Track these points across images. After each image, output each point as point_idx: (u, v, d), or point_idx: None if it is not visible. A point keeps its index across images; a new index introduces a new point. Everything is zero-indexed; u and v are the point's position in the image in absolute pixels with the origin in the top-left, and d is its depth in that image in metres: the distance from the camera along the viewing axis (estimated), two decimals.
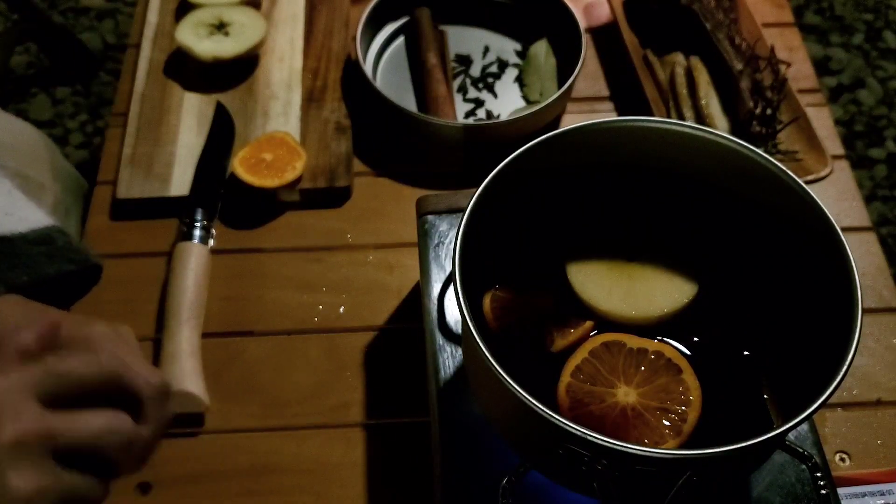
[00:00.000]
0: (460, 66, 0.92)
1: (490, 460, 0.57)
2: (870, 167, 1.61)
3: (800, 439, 0.57)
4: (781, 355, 0.53)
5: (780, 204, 0.52)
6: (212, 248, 0.77)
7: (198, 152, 0.82)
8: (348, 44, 0.92)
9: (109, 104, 1.60)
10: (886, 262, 0.78)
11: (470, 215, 0.48)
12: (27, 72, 1.70)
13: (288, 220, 0.80)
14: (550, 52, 0.91)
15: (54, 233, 0.56)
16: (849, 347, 0.43)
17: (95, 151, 1.55)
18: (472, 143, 0.83)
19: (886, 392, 0.70)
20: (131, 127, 0.84)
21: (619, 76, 0.92)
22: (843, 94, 1.71)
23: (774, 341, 0.54)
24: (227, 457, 0.67)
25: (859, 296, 0.45)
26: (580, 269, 0.57)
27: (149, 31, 0.92)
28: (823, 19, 1.84)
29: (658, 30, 0.91)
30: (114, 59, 1.72)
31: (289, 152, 0.80)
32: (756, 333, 0.55)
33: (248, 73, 0.89)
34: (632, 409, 0.50)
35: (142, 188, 0.79)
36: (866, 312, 0.45)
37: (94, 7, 1.82)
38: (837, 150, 0.85)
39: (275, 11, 0.94)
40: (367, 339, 0.73)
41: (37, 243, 0.55)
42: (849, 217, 0.81)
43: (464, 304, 0.45)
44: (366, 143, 0.85)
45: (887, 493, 0.64)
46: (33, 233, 0.55)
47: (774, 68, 0.85)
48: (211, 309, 0.73)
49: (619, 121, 0.53)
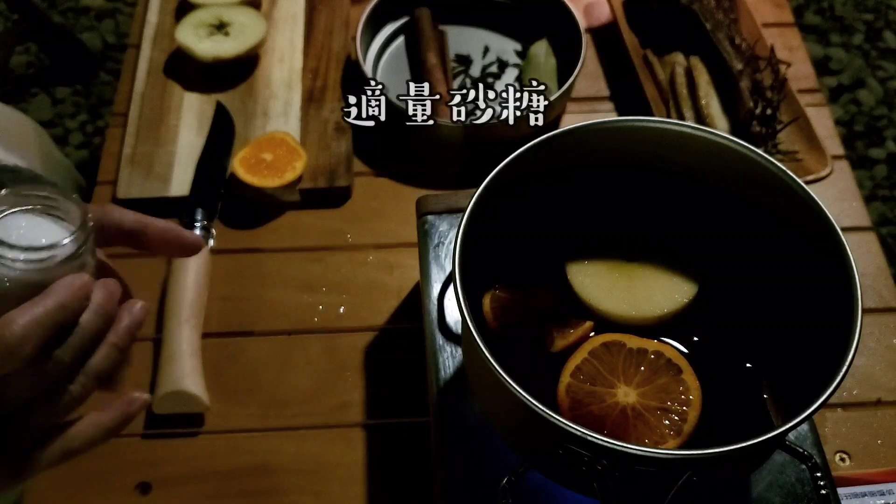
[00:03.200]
0: (460, 66, 0.92)
1: (490, 460, 0.57)
2: (870, 167, 1.61)
3: (800, 439, 0.57)
4: (781, 355, 0.53)
5: (780, 204, 0.52)
6: (212, 248, 0.77)
7: (198, 152, 0.82)
8: (348, 44, 0.92)
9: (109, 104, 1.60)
10: (886, 262, 0.78)
11: (470, 215, 0.48)
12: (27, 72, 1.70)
13: (288, 220, 0.80)
14: (550, 52, 0.91)
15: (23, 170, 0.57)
16: (849, 347, 0.43)
17: (95, 151, 1.55)
18: (472, 143, 0.83)
19: (886, 392, 0.70)
20: (131, 127, 0.84)
21: (619, 76, 0.92)
22: (843, 94, 1.71)
23: (774, 341, 0.54)
24: (226, 457, 0.66)
25: (859, 296, 0.45)
26: (580, 269, 0.57)
27: (149, 31, 0.92)
28: (823, 19, 1.84)
29: (658, 30, 0.91)
30: (114, 59, 1.72)
31: (289, 152, 0.80)
32: (756, 333, 0.55)
33: (248, 73, 0.89)
34: (632, 409, 0.50)
35: (142, 188, 0.79)
36: (866, 312, 0.45)
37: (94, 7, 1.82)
38: (837, 150, 0.85)
39: (275, 11, 0.94)
40: (367, 339, 0.73)
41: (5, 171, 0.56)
42: (849, 217, 0.81)
43: (464, 304, 0.45)
44: (366, 143, 0.85)
45: (887, 493, 0.64)
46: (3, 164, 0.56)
47: (774, 68, 0.85)
48: (211, 309, 0.73)
49: (619, 121, 0.53)
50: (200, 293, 0.72)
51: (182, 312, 0.70)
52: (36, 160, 0.81)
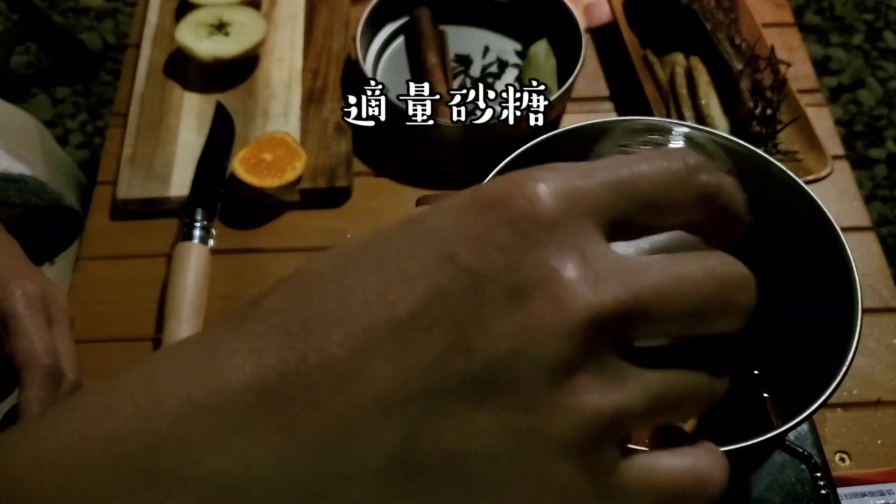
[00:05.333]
0: (460, 66, 0.92)
1: None
2: (870, 167, 1.61)
3: (800, 439, 0.57)
4: (781, 355, 0.53)
5: (779, 204, 0.52)
6: (212, 248, 0.76)
7: (198, 152, 0.82)
8: (348, 44, 0.92)
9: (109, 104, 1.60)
10: (886, 262, 0.78)
11: None
12: (27, 72, 1.70)
13: (288, 220, 0.80)
14: (550, 52, 0.91)
15: (29, 179, 0.57)
16: (849, 347, 0.43)
17: (95, 151, 1.55)
18: (472, 143, 0.83)
19: (886, 392, 0.70)
20: (131, 127, 0.84)
21: (619, 76, 0.92)
22: (843, 94, 1.71)
23: (774, 341, 0.54)
24: None
25: (859, 296, 0.45)
26: None
27: (149, 31, 0.92)
28: (823, 19, 1.84)
29: (658, 30, 0.91)
30: (114, 59, 1.72)
31: (289, 152, 0.80)
32: (756, 333, 0.55)
33: (248, 73, 0.89)
34: None
35: (142, 188, 0.79)
36: (866, 312, 0.45)
37: (94, 7, 1.82)
38: (837, 150, 0.85)
39: (275, 11, 0.94)
40: None
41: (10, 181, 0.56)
42: (849, 217, 0.80)
43: None
44: (366, 143, 0.85)
45: (887, 493, 0.64)
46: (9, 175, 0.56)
47: (774, 68, 0.85)
48: (211, 309, 0.73)
49: (618, 121, 0.53)
50: (200, 293, 0.72)
51: (182, 312, 0.70)
52: (38, 158, 0.81)
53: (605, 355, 0.22)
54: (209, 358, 0.24)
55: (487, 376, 0.21)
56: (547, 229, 0.22)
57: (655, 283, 0.22)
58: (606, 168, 0.24)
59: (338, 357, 0.22)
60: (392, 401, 0.22)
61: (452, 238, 0.23)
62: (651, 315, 0.22)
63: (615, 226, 0.23)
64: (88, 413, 0.24)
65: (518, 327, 0.21)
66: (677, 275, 0.23)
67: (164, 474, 0.23)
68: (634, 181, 0.24)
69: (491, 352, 0.21)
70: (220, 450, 0.22)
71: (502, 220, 0.23)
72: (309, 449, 0.22)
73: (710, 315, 0.24)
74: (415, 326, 0.22)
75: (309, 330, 0.23)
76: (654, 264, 0.23)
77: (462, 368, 0.21)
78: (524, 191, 0.23)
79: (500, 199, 0.23)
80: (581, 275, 0.22)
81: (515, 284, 0.22)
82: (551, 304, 0.21)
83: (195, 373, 0.23)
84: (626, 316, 0.22)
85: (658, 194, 0.24)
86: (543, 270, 0.22)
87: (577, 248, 0.22)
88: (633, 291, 0.22)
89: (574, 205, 0.23)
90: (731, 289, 0.24)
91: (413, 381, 0.22)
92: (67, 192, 0.85)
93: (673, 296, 0.23)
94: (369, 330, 0.22)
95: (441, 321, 0.22)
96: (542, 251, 0.22)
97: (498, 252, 0.22)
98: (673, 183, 0.24)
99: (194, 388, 0.23)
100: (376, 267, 0.24)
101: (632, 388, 0.22)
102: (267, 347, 0.23)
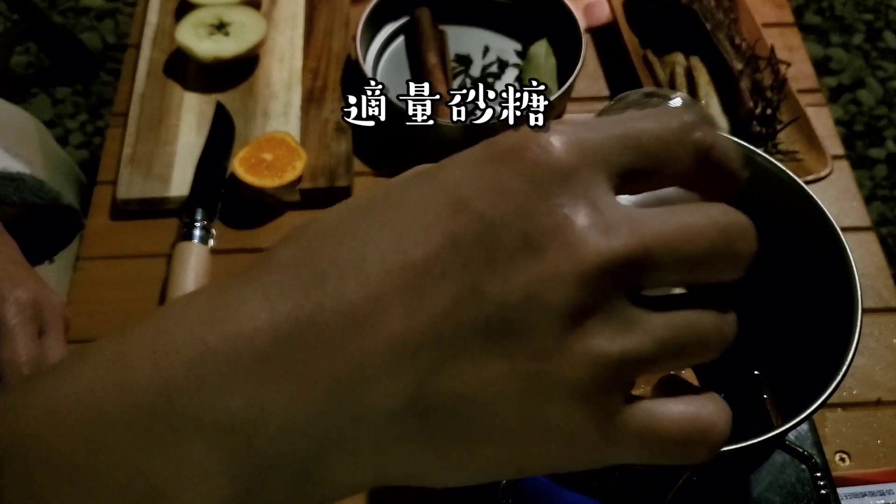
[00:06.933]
0: (460, 66, 0.92)
1: None
2: (870, 167, 1.61)
3: (800, 439, 0.57)
4: (781, 355, 0.53)
5: (780, 204, 0.52)
6: (212, 248, 0.76)
7: (198, 152, 0.82)
8: (348, 44, 0.92)
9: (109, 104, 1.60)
10: (886, 262, 0.78)
11: None
12: (27, 72, 1.70)
13: (288, 220, 0.80)
14: (550, 52, 0.91)
15: (27, 178, 0.57)
16: (849, 347, 0.43)
17: (95, 151, 1.55)
18: (472, 143, 0.83)
19: (886, 392, 0.70)
20: (131, 127, 0.84)
21: (619, 76, 0.92)
22: (843, 94, 1.71)
23: (774, 341, 0.54)
24: None
25: (859, 296, 0.45)
26: None
27: (149, 31, 0.92)
28: (823, 19, 1.84)
29: (658, 30, 0.91)
30: (114, 59, 1.72)
31: (289, 152, 0.80)
32: (755, 333, 0.55)
33: (248, 73, 0.89)
34: None
35: (142, 188, 0.79)
36: (866, 312, 0.45)
37: (94, 7, 1.82)
38: (837, 150, 0.85)
39: (275, 11, 0.94)
40: None
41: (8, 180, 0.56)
42: (849, 217, 0.80)
43: None
44: (366, 143, 0.85)
45: (887, 493, 0.64)
46: (7, 173, 0.56)
47: (774, 68, 0.85)
48: None
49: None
50: None
51: None
52: (38, 157, 0.81)
53: (615, 301, 0.22)
54: (223, 306, 0.24)
55: (500, 322, 0.22)
56: (560, 179, 0.23)
57: (663, 231, 0.23)
58: (613, 123, 0.25)
59: (353, 302, 0.22)
60: (406, 345, 0.22)
61: (467, 188, 0.23)
62: (658, 262, 0.23)
63: (620, 177, 0.24)
64: (101, 363, 0.24)
65: (532, 274, 0.22)
66: (683, 223, 0.23)
67: (179, 420, 0.23)
68: (638, 135, 0.24)
69: (504, 298, 0.22)
70: (235, 394, 0.23)
71: (516, 169, 0.23)
72: (322, 393, 0.22)
73: (715, 262, 0.24)
74: (429, 273, 0.22)
75: (324, 278, 0.23)
76: (660, 214, 0.23)
77: (475, 314, 0.22)
78: (539, 141, 0.24)
79: (514, 150, 0.24)
80: (593, 223, 0.22)
81: (529, 232, 0.22)
82: (565, 252, 0.22)
83: (209, 321, 0.24)
84: (636, 263, 0.22)
85: (659, 148, 0.24)
86: (557, 219, 0.22)
87: (588, 198, 0.23)
88: (642, 239, 0.22)
89: (585, 156, 0.23)
90: (733, 236, 0.25)
91: (427, 326, 0.22)
92: (67, 192, 0.85)
93: (679, 243, 0.23)
94: (384, 276, 0.23)
95: (455, 268, 0.22)
96: (556, 200, 0.22)
97: (512, 201, 0.22)
98: (672, 137, 0.25)
99: (208, 335, 0.23)
100: (390, 218, 0.24)
101: (640, 333, 0.23)
102: (281, 295, 0.23)
